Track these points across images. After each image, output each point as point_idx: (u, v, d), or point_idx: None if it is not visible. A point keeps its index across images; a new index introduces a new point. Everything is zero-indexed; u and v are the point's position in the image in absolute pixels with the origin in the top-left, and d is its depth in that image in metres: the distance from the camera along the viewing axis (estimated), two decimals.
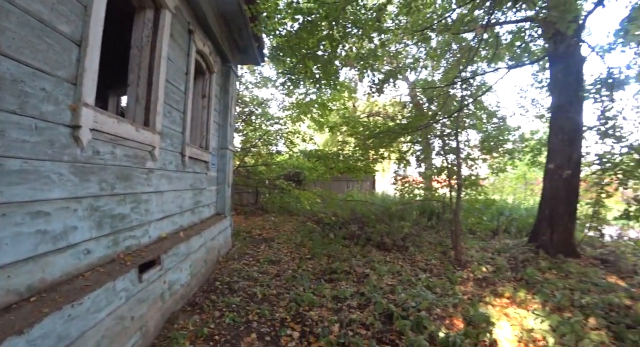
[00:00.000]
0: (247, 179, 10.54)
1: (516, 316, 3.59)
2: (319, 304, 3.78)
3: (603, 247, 6.84)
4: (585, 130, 6.04)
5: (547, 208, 6.06)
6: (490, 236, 7.86)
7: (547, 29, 6.14)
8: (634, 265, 5.57)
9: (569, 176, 5.77)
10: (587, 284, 4.59)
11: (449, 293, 4.15)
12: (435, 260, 5.68)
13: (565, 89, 6.01)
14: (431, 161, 7.71)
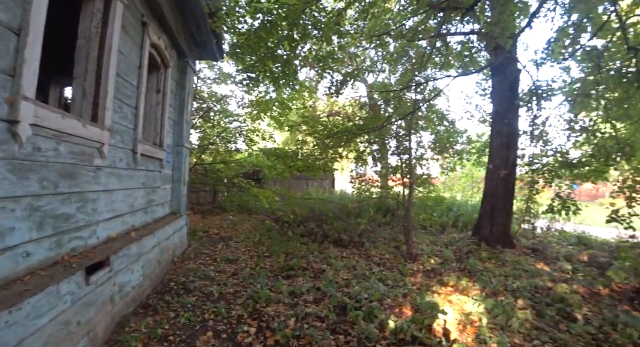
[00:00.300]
0: (204, 177, 10.26)
1: (458, 302, 3.94)
2: (275, 300, 3.85)
3: (534, 238, 7.66)
4: (520, 135, 6.71)
5: (488, 204, 6.65)
6: (440, 230, 8.43)
7: (489, 42, 6.68)
8: (557, 252, 6.32)
9: (506, 175, 6.38)
10: (519, 270, 5.14)
11: (400, 284, 4.43)
12: (389, 254, 6.00)
13: (503, 97, 6.63)
14: (387, 161, 8.08)
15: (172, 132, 5.51)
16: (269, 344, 2.95)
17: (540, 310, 3.76)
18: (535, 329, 3.37)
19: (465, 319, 3.45)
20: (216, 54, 6.35)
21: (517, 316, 3.46)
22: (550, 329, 3.38)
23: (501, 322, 3.43)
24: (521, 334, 3.25)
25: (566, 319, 3.59)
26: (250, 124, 10.42)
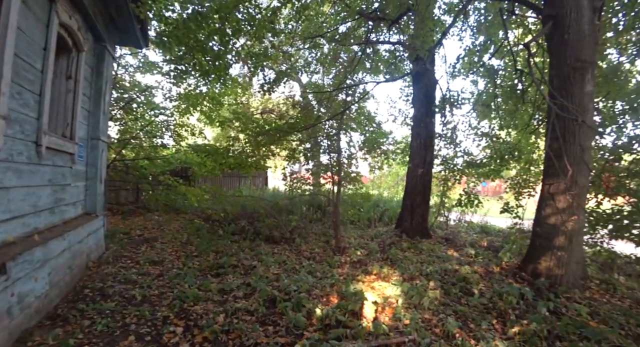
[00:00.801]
0: (125, 174, 9.41)
1: (380, 288, 4.33)
2: (204, 299, 3.79)
3: (447, 228, 8.66)
4: (437, 137, 7.54)
5: (408, 200, 7.34)
6: (368, 225, 9.02)
7: (411, 53, 7.38)
8: (465, 240, 7.27)
9: (424, 173, 7.12)
10: (433, 257, 5.81)
11: (328, 276, 4.68)
12: (319, 248, 6.27)
13: (422, 103, 7.37)
14: (319, 159, 8.38)
15: (87, 124, 4.99)
16: (197, 342, 2.92)
17: (447, 289, 4.33)
18: (442, 305, 3.88)
19: (384, 301, 3.81)
20: (140, 40, 5.89)
21: (428, 296, 3.95)
22: (454, 303, 3.92)
23: (415, 301, 3.88)
24: (430, 310, 3.71)
25: (467, 295, 4.19)
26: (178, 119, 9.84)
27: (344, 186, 7.52)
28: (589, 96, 4.34)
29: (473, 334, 3.21)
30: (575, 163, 4.16)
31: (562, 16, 4.43)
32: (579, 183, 4.23)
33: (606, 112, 6.86)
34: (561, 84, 4.42)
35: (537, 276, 4.40)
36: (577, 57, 4.33)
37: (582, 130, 4.14)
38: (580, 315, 3.57)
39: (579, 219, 4.27)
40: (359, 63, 8.01)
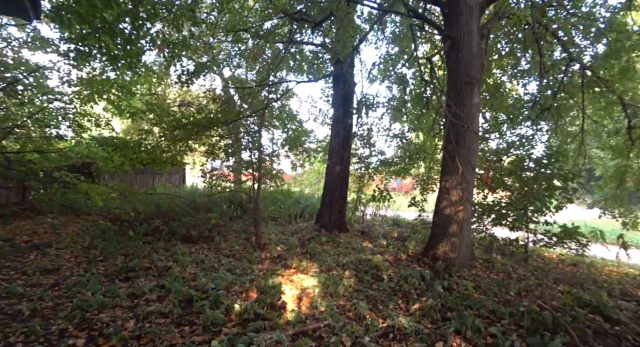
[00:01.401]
0: (7, 170, 7.92)
1: (298, 280, 4.52)
2: (111, 305, 3.51)
3: (364, 222, 9.35)
4: (354, 137, 8.07)
5: (327, 196, 7.73)
6: (289, 221, 9.22)
7: (333, 55, 7.76)
8: (379, 233, 7.94)
9: (341, 171, 7.58)
10: (349, 249, 6.24)
11: (248, 272, 4.71)
12: (239, 246, 6.23)
13: (341, 104, 7.82)
14: (241, 155, 8.26)
15: None
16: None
17: (360, 277, 4.73)
18: (356, 291, 4.24)
19: (302, 293, 4.01)
20: (30, 12, 5.01)
21: (344, 284, 4.27)
22: (366, 289, 4.31)
23: (331, 290, 4.16)
24: (345, 297, 4.03)
25: (377, 280, 4.64)
26: (79, 107, 8.62)
27: (265, 183, 7.56)
28: (476, 107, 5.17)
29: (381, 314, 3.59)
30: (464, 163, 4.91)
31: (458, 38, 5.18)
32: (467, 179, 5.01)
33: (491, 121, 8.23)
34: (455, 96, 5.17)
35: (436, 259, 5.09)
36: (468, 74, 5.11)
37: (470, 136, 4.93)
38: (467, 289, 4.26)
39: (467, 210, 5.07)
40: (282, 61, 8.11)
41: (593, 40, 7.59)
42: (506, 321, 3.43)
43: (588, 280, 5.19)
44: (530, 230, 6.53)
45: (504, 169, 7.23)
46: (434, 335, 3.12)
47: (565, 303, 3.85)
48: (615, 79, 7.35)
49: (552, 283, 4.85)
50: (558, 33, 7.39)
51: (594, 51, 7.86)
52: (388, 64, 7.76)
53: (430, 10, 8.09)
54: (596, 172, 11.84)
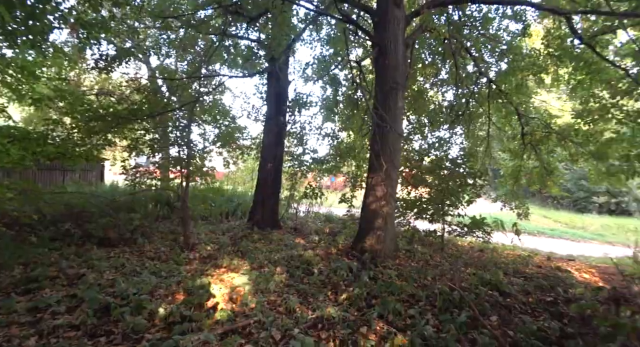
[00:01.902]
0: None
1: (229, 279, 4.42)
2: (4, 323, 3.04)
3: (297, 219, 9.47)
4: (287, 135, 8.13)
5: (259, 193, 7.67)
6: (221, 219, 8.93)
7: (268, 52, 7.69)
8: (311, 229, 8.13)
9: (274, 168, 7.59)
10: (281, 246, 6.29)
11: (175, 274, 4.47)
12: (165, 247, 5.85)
13: (275, 101, 7.81)
14: (168, 151, 7.73)
15: None
16: None
17: (292, 272, 4.81)
18: (287, 286, 4.31)
19: (232, 291, 3.95)
20: None
21: (274, 280, 4.31)
22: (297, 284, 4.40)
23: (262, 287, 4.16)
24: (276, 293, 4.07)
25: (308, 275, 4.77)
26: None
27: (194, 180, 7.22)
28: (400, 110, 5.61)
29: (311, 306, 3.71)
30: (388, 161, 5.31)
31: (385, 45, 5.55)
32: (391, 177, 5.42)
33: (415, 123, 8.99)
34: (382, 99, 5.55)
35: (363, 252, 5.40)
36: (393, 79, 5.52)
37: (394, 137, 5.34)
38: (391, 277, 4.62)
39: (391, 205, 5.49)
40: (214, 53, 7.79)
41: (497, 58, 8.76)
42: (423, 302, 3.82)
43: (490, 263, 6.00)
44: (446, 222, 7.31)
45: (424, 168, 7.98)
46: (359, 321, 3.33)
47: (471, 283, 4.44)
48: (512, 92, 8.59)
49: (462, 267, 5.51)
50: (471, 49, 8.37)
51: (497, 68, 9.07)
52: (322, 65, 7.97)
53: (364, 17, 8.52)
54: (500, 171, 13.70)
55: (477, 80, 8.27)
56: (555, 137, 8.63)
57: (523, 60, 8.29)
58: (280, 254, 5.57)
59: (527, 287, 4.52)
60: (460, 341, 2.94)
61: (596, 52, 6.23)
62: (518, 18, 8.15)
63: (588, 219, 21.18)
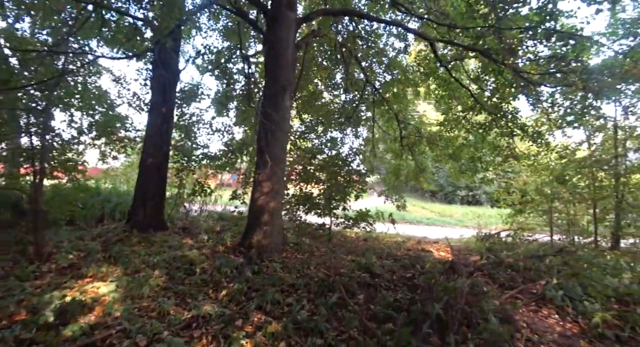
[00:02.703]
0: None
1: (93, 289, 3.86)
2: None
3: (187, 219, 8.85)
4: (175, 128, 7.53)
5: (140, 191, 6.92)
6: (95, 223, 7.74)
7: (155, 35, 6.95)
8: (202, 228, 7.70)
9: (159, 163, 6.94)
10: (164, 248, 5.79)
11: (15, 292, 3.67)
12: (5, 261, 4.76)
13: (161, 90, 7.14)
14: (18, 141, 6.31)
15: None
16: None
17: (172, 274, 4.49)
18: (164, 289, 4.00)
19: (94, 302, 3.47)
20: None
21: (150, 284, 3.95)
22: (176, 286, 4.13)
23: (134, 293, 3.77)
24: (150, 298, 3.74)
25: (190, 275, 4.52)
26: None
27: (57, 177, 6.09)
28: (288, 109, 5.77)
29: (188, 307, 3.52)
30: (274, 158, 5.42)
31: (276, 45, 5.63)
32: (277, 173, 5.53)
33: (309, 123, 9.38)
34: (270, 96, 5.63)
35: (250, 248, 5.38)
36: (282, 78, 5.64)
37: (281, 134, 5.47)
38: (275, 270, 4.71)
39: (277, 200, 5.60)
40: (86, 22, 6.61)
41: (384, 69, 9.77)
42: (301, 290, 4.02)
43: (370, 249, 6.65)
44: (334, 215, 7.84)
45: (316, 165, 8.40)
46: (237, 315, 3.31)
47: (349, 268, 4.87)
48: (392, 101, 9.75)
49: (344, 255, 5.98)
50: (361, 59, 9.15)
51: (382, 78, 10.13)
52: (214, 56, 7.63)
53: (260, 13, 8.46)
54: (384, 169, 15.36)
55: (365, 87, 9.08)
56: (426, 141, 10.13)
57: (403, 74, 9.48)
58: (161, 257, 5.12)
59: (394, 267, 5.19)
60: (329, 320, 3.20)
61: (451, 74, 7.53)
62: (401, 37, 9.26)
63: (454, 208, 25.52)
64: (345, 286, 4.02)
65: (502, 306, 3.59)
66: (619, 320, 3.42)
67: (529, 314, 3.72)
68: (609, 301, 3.90)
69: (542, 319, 3.63)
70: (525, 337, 3.12)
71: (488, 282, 4.81)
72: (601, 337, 3.18)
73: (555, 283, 4.38)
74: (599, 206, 9.70)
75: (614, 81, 6.05)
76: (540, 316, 3.69)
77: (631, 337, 3.17)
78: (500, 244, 8.10)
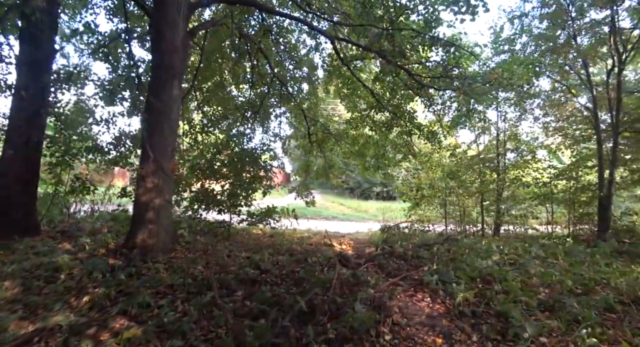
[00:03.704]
0: None
1: None
2: None
3: (68, 220, 7.80)
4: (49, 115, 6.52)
5: (4, 189, 5.87)
6: None
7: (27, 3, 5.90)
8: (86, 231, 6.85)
9: (26, 156, 5.96)
10: (29, 254, 5.00)
11: None
12: None
13: (30, 70, 6.11)
14: None
15: None
16: None
17: (28, 284, 3.92)
18: (10, 302, 3.48)
19: None
20: None
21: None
22: (29, 296, 3.62)
23: None
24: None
25: (51, 283, 4.00)
26: None
27: None
28: (176, 99, 5.45)
29: (36, 319, 3.13)
30: (160, 151, 5.11)
31: (162, 26, 5.26)
32: (164, 167, 5.21)
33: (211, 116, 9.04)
34: (158, 85, 5.26)
35: (134, 248, 4.99)
36: (171, 65, 5.31)
37: (168, 126, 5.16)
38: (158, 271, 4.45)
39: (164, 197, 5.28)
40: None
41: (295, 66, 9.89)
42: (179, 291, 3.88)
43: (270, 246, 6.72)
44: (238, 212, 7.73)
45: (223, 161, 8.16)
46: (93, 323, 3.05)
47: (241, 265, 4.86)
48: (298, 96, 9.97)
49: (241, 252, 5.94)
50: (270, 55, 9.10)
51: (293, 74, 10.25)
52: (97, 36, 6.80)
53: None
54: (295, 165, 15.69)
55: (272, 82, 9.10)
56: (333, 138, 10.61)
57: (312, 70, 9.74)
58: (19, 265, 4.43)
59: (286, 262, 5.33)
60: (198, 320, 3.15)
61: (353, 73, 8.01)
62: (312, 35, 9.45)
63: (369, 204, 27.27)
64: (225, 283, 4.00)
65: (380, 294, 3.93)
66: (480, 297, 3.89)
67: (405, 299, 4.01)
68: (474, 281, 4.46)
69: (415, 302, 3.93)
70: (395, 322, 3.35)
71: (377, 272, 5.23)
72: (460, 315, 3.55)
73: (434, 269, 4.92)
74: (486, 199, 11.42)
75: (489, 88, 7.06)
76: (415, 300, 4.00)
77: (485, 311, 3.59)
78: (400, 235, 8.80)
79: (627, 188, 10.20)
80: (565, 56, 9.68)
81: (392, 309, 3.61)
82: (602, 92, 9.64)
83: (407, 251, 5.92)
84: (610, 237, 7.88)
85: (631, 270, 5.17)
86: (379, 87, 8.50)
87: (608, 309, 3.81)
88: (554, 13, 9.26)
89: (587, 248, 6.79)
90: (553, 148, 11.62)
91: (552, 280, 4.52)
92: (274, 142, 10.60)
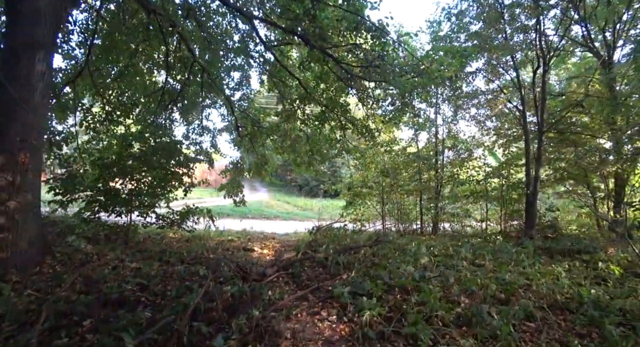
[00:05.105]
0: None
1: None
2: None
3: None
4: None
5: None
6: None
7: None
8: None
9: None
10: None
11: None
12: None
13: None
14: None
15: None
16: None
17: None
18: None
19: None
20: None
21: None
22: None
23: None
24: None
25: None
26: None
27: None
28: (40, 78, 4.26)
29: None
30: (15, 141, 3.98)
31: None
32: (21, 161, 4.06)
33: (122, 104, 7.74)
34: (9, 58, 4.10)
35: None
36: (29, 34, 4.17)
37: (24, 109, 3.99)
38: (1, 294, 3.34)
39: (22, 198, 4.12)
40: None
41: (225, 52, 8.78)
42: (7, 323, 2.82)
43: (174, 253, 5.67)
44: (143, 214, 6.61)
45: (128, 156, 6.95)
46: None
47: (126, 281, 3.90)
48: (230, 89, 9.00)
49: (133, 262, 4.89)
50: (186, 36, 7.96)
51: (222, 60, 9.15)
52: None
53: None
54: None
55: (192, 67, 7.99)
56: (265, 132, 9.74)
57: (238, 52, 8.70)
58: None
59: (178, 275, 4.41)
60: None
61: (277, 59, 7.23)
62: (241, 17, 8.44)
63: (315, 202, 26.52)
64: (75, 309, 3.02)
65: (275, 314, 3.20)
66: (396, 311, 3.33)
67: (306, 318, 3.30)
68: (391, 292, 3.87)
69: (317, 322, 3.23)
70: None
71: (288, 283, 4.51)
72: (364, 339, 2.89)
73: (346, 279, 4.32)
74: (424, 197, 11.24)
75: (420, 81, 6.55)
76: (317, 319, 3.30)
77: (394, 331, 3.00)
78: (330, 237, 8.01)
79: (552, 186, 10.61)
80: (498, 57, 9.79)
81: (282, 335, 2.89)
82: (529, 93, 9.89)
83: (328, 257, 5.24)
84: (536, 234, 7.96)
85: (552, 269, 5.02)
86: (311, 78, 7.84)
87: (528, 317, 3.49)
88: (488, 13, 9.27)
89: (515, 246, 6.71)
90: (489, 146, 11.84)
91: (476, 285, 4.12)
92: (201, 136, 9.47)
